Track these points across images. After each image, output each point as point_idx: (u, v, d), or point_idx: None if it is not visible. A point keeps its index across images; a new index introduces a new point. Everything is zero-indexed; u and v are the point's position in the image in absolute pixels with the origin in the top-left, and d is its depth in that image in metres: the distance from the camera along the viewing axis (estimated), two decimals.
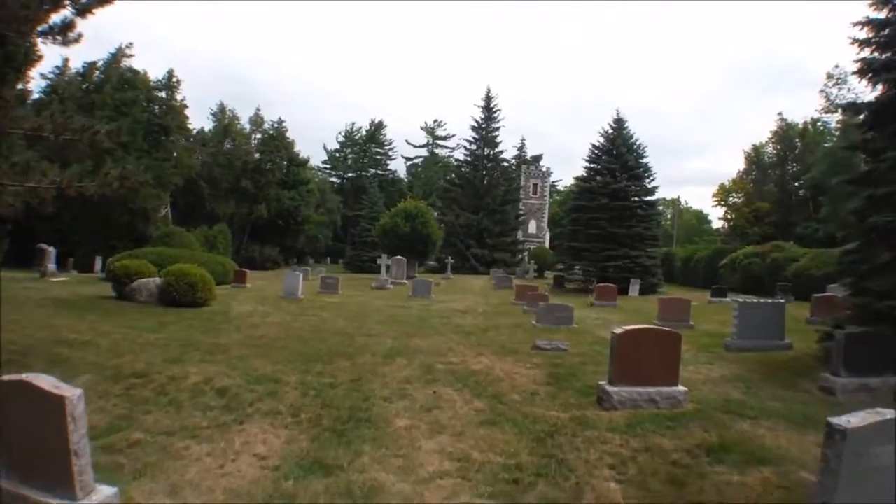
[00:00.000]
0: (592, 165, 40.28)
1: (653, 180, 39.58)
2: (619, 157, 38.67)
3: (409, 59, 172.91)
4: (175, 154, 53.78)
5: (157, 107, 53.79)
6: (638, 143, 40.26)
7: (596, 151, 40.50)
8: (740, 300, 14.60)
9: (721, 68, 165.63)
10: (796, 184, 65.24)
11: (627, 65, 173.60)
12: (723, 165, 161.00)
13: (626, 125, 40.33)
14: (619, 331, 8.29)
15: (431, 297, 25.39)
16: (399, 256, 35.62)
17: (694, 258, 47.51)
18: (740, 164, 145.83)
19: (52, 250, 32.38)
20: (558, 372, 10.18)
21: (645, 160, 39.67)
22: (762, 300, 15.23)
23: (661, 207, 41.06)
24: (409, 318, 17.85)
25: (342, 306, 20.60)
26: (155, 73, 56.55)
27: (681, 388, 8.34)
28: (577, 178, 41.74)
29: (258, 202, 63.18)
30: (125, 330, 13.29)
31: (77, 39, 11.54)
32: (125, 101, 48.36)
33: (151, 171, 49.10)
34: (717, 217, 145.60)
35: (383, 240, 44.79)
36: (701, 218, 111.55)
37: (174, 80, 55.26)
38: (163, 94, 54.84)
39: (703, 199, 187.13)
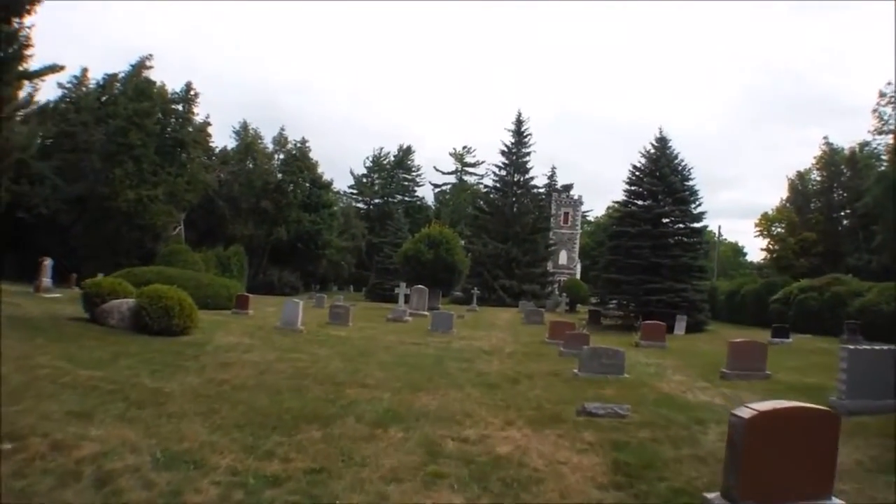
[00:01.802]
0: (633, 188, 37.10)
1: (699, 205, 36.24)
2: (662, 178, 35.42)
3: (438, 86, 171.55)
4: (190, 170, 51.39)
5: (173, 119, 51.66)
6: (683, 164, 36.91)
7: (637, 174, 37.26)
8: (850, 347, 11.17)
9: (752, 98, 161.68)
10: (843, 213, 61.73)
11: (658, 94, 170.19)
12: (755, 196, 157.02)
13: (669, 145, 37.09)
14: (744, 414, 5.02)
15: (453, 333, 22.19)
16: (420, 286, 32.49)
17: (740, 292, 43.77)
18: (773, 196, 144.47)
19: (48, 264, 29.80)
20: (626, 460, 6.89)
21: (691, 182, 36.31)
22: (875, 346, 11.78)
23: (707, 236, 37.25)
24: (421, 360, 14.64)
25: (346, 342, 17.46)
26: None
27: (836, 501, 5.11)
28: (616, 203, 38.71)
29: (278, 224, 60.95)
30: (61, 363, 10.46)
31: None
32: (138, 112, 46.18)
33: (163, 187, 47.10)
34: (757, 248, 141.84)
35: (405, 267, 41.75)
36: (737, 250, 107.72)
37: (192, 92, 53.31)
38: (180, 108, 52.74)
39: (735, 232, 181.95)
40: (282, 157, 67.20)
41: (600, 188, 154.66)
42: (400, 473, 6.03)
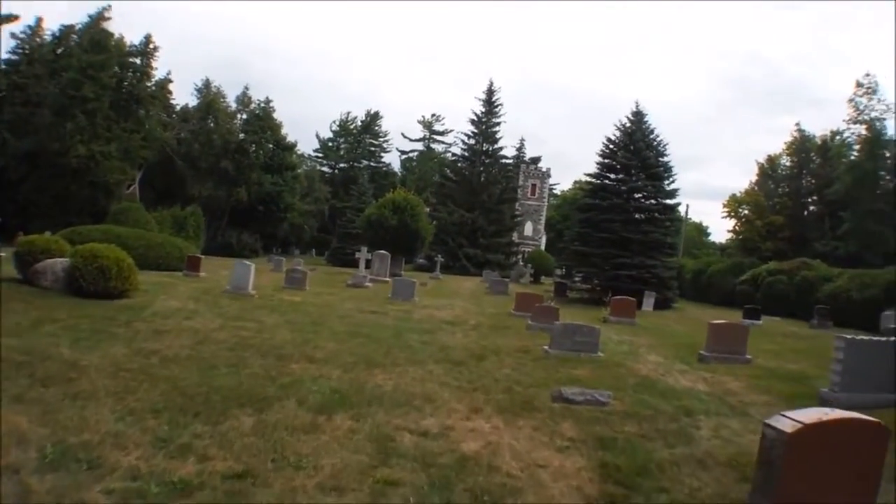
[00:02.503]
0: (606, 161, 35.93)
1: (672, 182, 35.27)
2: (637, 152, 34.34)
3: (408, 52, 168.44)
4: (147, 126, 49.02)
5: (130, 73, 49.15)
6: (659, 139, 35.87)
7: (611, 146, 36.11)
8: (847, 336, 10.21)
9: (724, 83, 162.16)
10: (811, 199, 62.02)
11: (630, 72, 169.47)
12: (720, 179, 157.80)
13: (645, 119, 35.99)
14: (784, 426, 3.92)
15: (415, 301, 21.01)
16: (382, 251, 31.19)
17: (707, 271, 43.29)
18: (737, 180, 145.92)
19: None
20: (615, 462, 5.79)
21: (665, 159, 35.30)
22: (872, 337, 10.87)
23: (680, 212, 36.37)
24: (379, 330, 13.41)
25: (299, 308, 16.13)
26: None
27: None
28: (586, 175, 37.30)
29: (239, 185, 58.76)
30: None
31: None
32: (93, 64, 43.70)
33: (117, 143, 44.88)
34: (720, 229, 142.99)
35: (368, 232, 40.25)
36: (701, 230, 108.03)
37: (151, 46, 50.71)
38: (137, 61, 50.19)
39: (699, 213, 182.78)
40: (245, 116, 64.72)
41: (567, 164, 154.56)
42: (343, 479, 4.82)
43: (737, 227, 66.76)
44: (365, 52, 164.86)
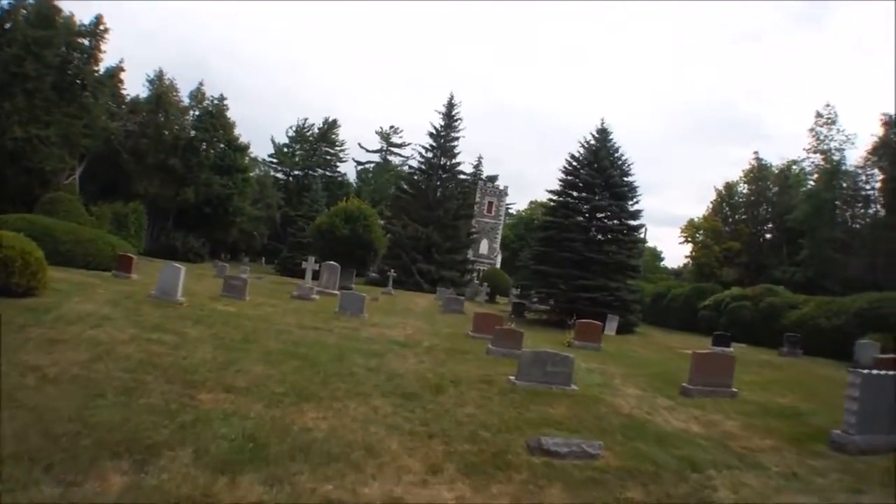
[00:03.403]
0: (569, 178, 34.43)
1: (636, 202, 34.04)
2: (601, 171, 32.98)
3: (369, 64, 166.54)
4: (92, 113, 45.97)
5: (77, 55, 46.10)
6: (623, 158, 34.58)
7: (574, 164, 34.71)
8: (863, 372, 8.84)
9: (679, 114, 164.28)
10: (767, 226, 62.46)
11: (586, 97, 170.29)
12: (673, 206, 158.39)
13: (610, 136, 34.76)
14: None
15: (363, 318, 19.09)
16: (332, 262, 29.21)
17: (667, 296, 42.30)
18: (689, 207, 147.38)
19: None
20: None
21: (630, 178, 34.05)
22: (887, 372, 9.44)
23: (644, 234, 35.15)
24: (320, 351, 11.50)
25: (232, 321, 14.11)
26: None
27: None
28: (549, 192, 35.69)
29: (186, 184, 55.68)
30: None
31: None
32: (37, 40, 40.65)
33: (56, 128, 41.99)
34: (673, 254, 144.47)
35: (318, 241, 38.10)
36: (655, 254, 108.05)
37: (102, 27, 47.64)
38: (86, 42, 47.12)
39: (652, 238, 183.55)
40: (197, 113, 61.81)
41: (522, 185, 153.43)
42: None
43: (693, 253, 66.30)
44: (324, 61, 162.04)
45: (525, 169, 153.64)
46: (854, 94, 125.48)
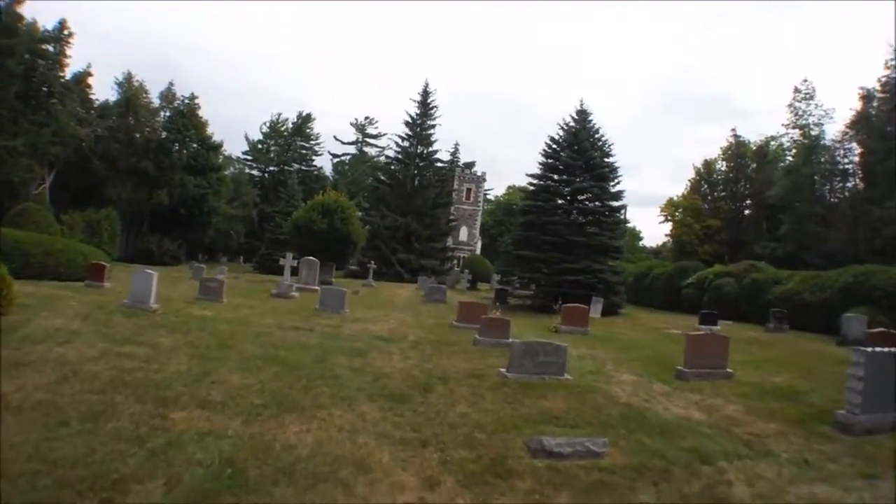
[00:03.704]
0: (549, 161, 33.99)
1: (618, 183, 33.70)
2: (581, 152, 32.57)
3: (342, 56, 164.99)
4: (59, 119, 44.74)
5: (42, 62, 44.88)
6: (604, 139, 34.24)
7: (553, 146, 34.27)
8: (868, 350, 8.48)
9: (654, 94, 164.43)
10: (746, 202, 62.56)
11: (556, 79, 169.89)
12: (650, 186, 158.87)
13: (590, 118, 34.35)
14: None
15: (345, 313, 18.58)
16: (311, 257, 28.61)
17: (649, 275, 42.10)
18: (667, 186, 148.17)
19: None
20: None
21: (611, 160, 33.69)
22: (892, 349, 9.11)
23: (624, 214, 34.62)
24: (301, 354, 11.00)
25: (209, 326, 13.53)
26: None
27: None
28: (529, 175, 35.16)
29: (160, 187, 54.54)
30: None
31: None
32: (0, 49, 39.46)
33: (24, 137, 40.88)
34: (652, 235, 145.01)
35: (295, 237, 37.37)
36: (634, 234, 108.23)
37: (66, 32, 46.44)
38: (51, 48, 45.89)
39: (630, 218, 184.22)
40: (168, 114, 60.52)
41: (498, 171, 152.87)
42: None
43: (673, 231, 66.28)
44: (296, 56, 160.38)
45: (499, 154, 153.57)
46: (830, 71, 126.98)
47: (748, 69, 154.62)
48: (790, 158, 54.21)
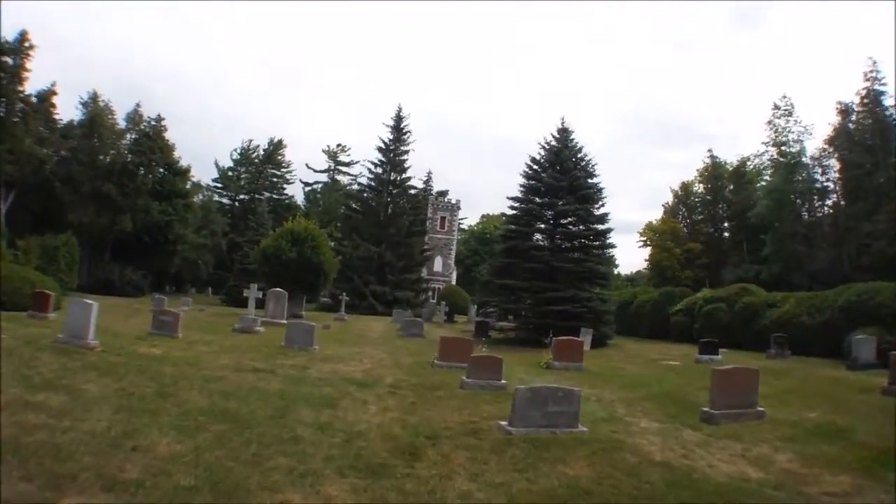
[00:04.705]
0: (531, 183, 32.35)
1: (602, 205, 32.14)
2: (564, 172, 30.99)
3: (314, 85, 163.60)
4: (14, 136, 42.36)
5: (2, 77, 42.59)
6: (587, 158, 32.71)
7: (534, 167, 32.67)
8: None
9: (619, 120, 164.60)
10: (725, 224, 62.61)
11: (523, 109, 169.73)
12: (619, 213, 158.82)
13: (572, 137, 32.88)
14: None
15: (313, 351, 16.58)
16: (278, 289, 26.55)
17: (634, 303, 40.47)
18: (641, 212, 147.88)
19: None
20: None
21: (596, 181, 32.16)
22: None
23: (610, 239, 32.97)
24: (257, 405, 8.99)
25: (152, 367, 11.46)
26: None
27: None
28: (510, 199, 33.35)
29: (122, 212, 51.99)
30: None
31: None
32: None
33: None
34: (633, 262, 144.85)
35: (263, 267, 35.11)
36: (610, 261, 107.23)
37: (27, 44, 44.24)
38: (10, 61, 43.57)
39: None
40: (135, 136, 58.05)
41: (471, 202, 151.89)
42: None
43: (652, 256, 65.12)
44: (268, 85, 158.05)
45: (470, 183, 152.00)
46: (799, 91, 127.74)
47: (711, 92, 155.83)
48: (768, 178, 54.05)
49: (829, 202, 49.10)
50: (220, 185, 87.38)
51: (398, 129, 60.63)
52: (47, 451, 5.91)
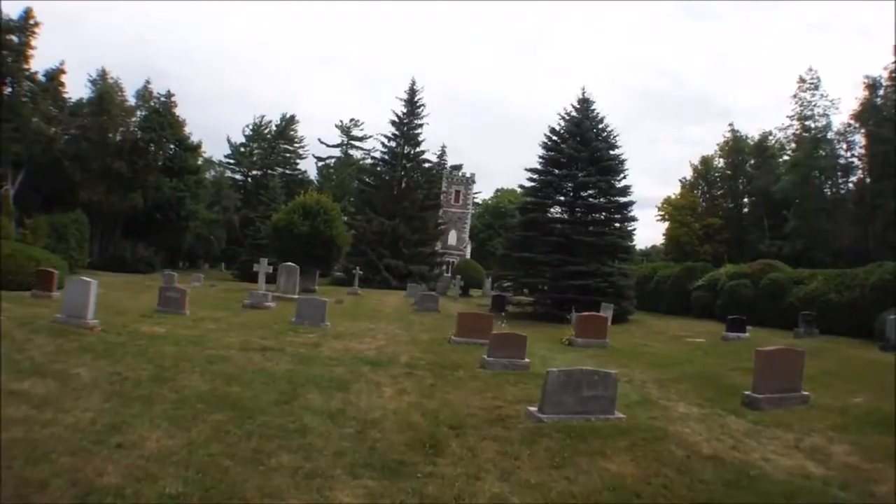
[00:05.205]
0: (550, 154, 31.23)
1: (625, 177, 31.09)
2: (585, 143, 29.90)
3: (326, 59, 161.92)
4: (22, 115, 41.68)
5: (4, 52, 41.82)
6: (609, 129, 31.58)
7: (554, 138, 31.57)
8: None
9: (632, 95, 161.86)
10: (745, 199, 60.74)
11: (538, 84, 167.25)
12: (637, 189, 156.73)
13: (593, 107, 31.74)
14: None
15: (325, 327, 15.88)
16: (290, 263, 25.84)
17: (654, 278, 39.42)
18: (656, 187, 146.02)
19: None
20: None
21: (618, 151, 31.08)
22: None
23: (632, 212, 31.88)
24: (260, 388, 8.31)
25: (154, 347, 10.78)
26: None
27: None
28: (528, 170, 32.23)
29: (133, 189, 51.39)
30: None
31: None
32: None
33: None
34: (648, 238, 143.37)
35: (275, 241, 34.40)
36: (630, 235, 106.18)
37: (31, 21, 43.38)
38: (15, 39, 42.82)
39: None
40: (144, 113, 57.23)
41: (484, 175, 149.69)
42: None
43: (669, 231, 63.87)
44: (280, 60, 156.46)
45: (485, 157, 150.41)
46: (824, 65, 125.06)
47: (728, 67, 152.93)
48: (790, 153, 52.33)
49: (853, 178, 47.63)
50: (232, 161, 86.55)
51: (412, 103, 59.23)
52: (20, 450, 5.16)
